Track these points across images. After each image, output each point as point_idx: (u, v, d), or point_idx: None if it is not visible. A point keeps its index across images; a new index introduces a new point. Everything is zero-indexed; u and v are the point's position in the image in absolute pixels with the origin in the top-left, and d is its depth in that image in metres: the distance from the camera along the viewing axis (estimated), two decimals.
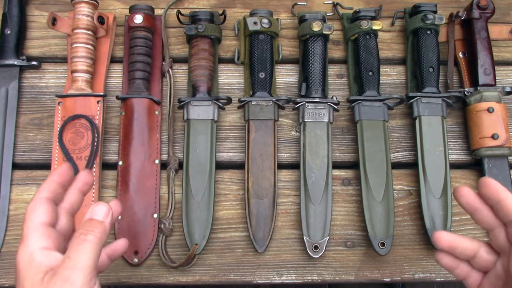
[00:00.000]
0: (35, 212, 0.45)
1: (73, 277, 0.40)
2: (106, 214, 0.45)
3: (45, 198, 0.46)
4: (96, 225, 0.44)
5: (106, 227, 0.45)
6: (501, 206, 0.44)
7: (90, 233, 0.43)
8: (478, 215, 0.47)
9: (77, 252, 0.41)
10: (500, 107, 0.76)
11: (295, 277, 0.72)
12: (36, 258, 0.42)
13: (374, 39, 0.80)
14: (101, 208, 0.46)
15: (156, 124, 0.76)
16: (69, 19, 0.78)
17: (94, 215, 0.45)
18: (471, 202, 0.47)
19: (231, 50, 0.83)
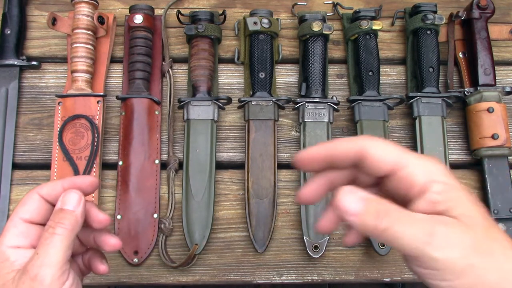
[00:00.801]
0: (22, 207, 0.42)
1: (41, 274, 0.38)
2: (78, 202, 0.41)
3: (40, 195, 0.43)
4: (65, 216, 0.40)
5: (77, 216, 0.41)
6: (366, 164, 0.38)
7: (59, 225, 0.40)
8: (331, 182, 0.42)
9: (45, 247, 0.39)
10: (500, 107, 0.76)
11: (295, 277, 0.72)
12: (10, 256, 0.40)
13: (374, 39, 0.80)
14: (72, 196, 0.42)
15: (156, 124, 0.76)
16: (69, 19, 0.78)
17: (65, 204, 0.41)
18: None
19: (231, 50, 0.83)
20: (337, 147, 0.38)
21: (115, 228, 0.71)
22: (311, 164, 0.40)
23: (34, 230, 0.42)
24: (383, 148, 0.37)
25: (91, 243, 0.46)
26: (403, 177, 0.36)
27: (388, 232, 0.34)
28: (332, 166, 0.40)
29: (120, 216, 0.71)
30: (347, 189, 0.35)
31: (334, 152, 0.38)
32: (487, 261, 0.35)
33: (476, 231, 0.36)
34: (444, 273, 0.34)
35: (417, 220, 0.35)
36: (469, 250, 0.35)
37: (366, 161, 0.37)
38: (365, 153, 0.37)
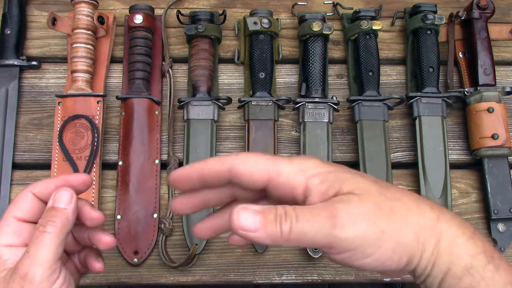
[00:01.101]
0: (15, 205, 0.42)
1: (31, 273, 0.37)
2: (69, 200, 0.41)
3: (32, 193, 0.43)
4: (56, 214, 0.40)
5: (68, 214, 0.41)
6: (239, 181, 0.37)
7: (50, 223, 0.40)
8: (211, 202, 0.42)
9: (35, 245, 0.39)
10: (500, 107, 0.76)
11: (295, 277, 0.72)
12: (3, 255, 0.40)
13: (374, 39, 0.80)
14: (63, 194, 0.41)
15: (156, 124, 0.76)
16: (69, 19, 0.78)
17: (56, 202, 0.41)
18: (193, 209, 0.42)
19: (231, 50, 0.83)
20: (207, 167, 0.38)
21: (115, 228, 0.71)
22: (184, 184, 0.39)
23: (27, 228, 0.42)
24: (251, 162, 0.36)
25: (86, 241, 0.46)
26: (282, 185, 0.36)
27: (294, 233, 0.34)
28: (206, 185, 0.39)
29: (120, 216, 0.71)
30: (239, 208, 0.34)
31: (205, 172, 0.38)
32: (395, 221, 0.35)
33: (373, 197, 0.36)
34: (363, 249, 0.34)
35: (315, 209, 0.35)
36: (374, 217, 0.35)
37: (239, 178, 0.37)
38: (235, 171, 0.37)
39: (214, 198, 0.41)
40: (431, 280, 0.37)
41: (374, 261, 0.35)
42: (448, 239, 0.36)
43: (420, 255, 0.36)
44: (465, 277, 0.35)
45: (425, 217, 0.37)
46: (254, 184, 0.37)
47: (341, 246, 0.34)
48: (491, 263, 0.36)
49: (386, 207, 0.36)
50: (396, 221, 0.35)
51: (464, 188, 0.78)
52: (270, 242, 0.34)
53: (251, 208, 0.34)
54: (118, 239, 0.71)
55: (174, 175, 0.39)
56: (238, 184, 0.38)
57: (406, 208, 0.37)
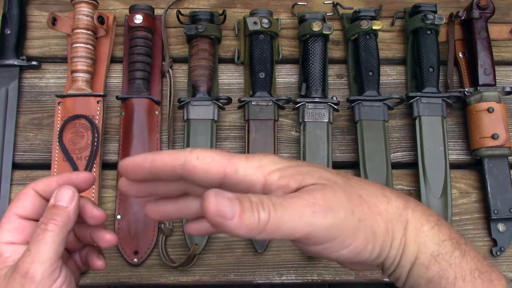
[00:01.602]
0: (17, 203, 0.42)
1: (32, 271, 0.37)
2: (71, 199, 0.41)
3: (34, 190, 0.42)
4: (58, 212, 0.40)
5: (70, 212, 0.40)
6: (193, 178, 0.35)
7: (51, 222, 0.39)
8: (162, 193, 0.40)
9: (36, 243, 0.39)
10: (500, 107, 0.76)
11: (295, 277, 0.72)
12: (4, 252, 0.40)
13: (374, 39, 0.80)
14: (65, 192, 0.41)
15: (156, 124, 0.76)
16: (69, 19, 0.78)
17: (58, 200, 0.41)
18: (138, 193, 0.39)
19: (231, 50, 0.83)
20: (160, 160, 0.36)
21: (115, 228, 0.71)
22: (134, 174, 0.37)
23: (29, 226, 0.42)
24: (207, 158, 0.34)
25: (87, 239, 0.46)
26: (239, 182, 0.34)
27: (272, 222, 0.31)
28: (157, 177, 0.37)
29: (120, 216, 0.71)
30: (214, 193, 0.30)
31: (158, 165, 0.36)
32: (366, 209, 0.35)
33: (341, 186, 0.35)
34: (342, 239, 0.33)
35: (291, 198, 0.32)
36: (349, 206, 0.34)
37: (193, 175, 0.35)
38: (189, 167, 0.34)
39: (164, 190, 0.40)
40: (400, 271, 0.36)
41: (351, 251, 0.34)
42: (415, 227, 0.36)
43: (390, 245, 0.35)
44: (432, 265, 0.35)
45: (392, 205, 0.36)
46: (208, 181, 0.34)
47: (321, 236, 0.33)
48: (457, 249, 0.36)
49: (355, 196, 0.35)
50: (368, 210, 0.35)
51: (464, 188, 0.78)
52: (245, 232, 0.30)
53: (226, 194, 0.30)
54: (118, 239, 0.70)
55: (125, 163, 0.37)
56: (192, 180, 0.35)
57: (374, 196, 0.36)
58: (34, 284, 0.38)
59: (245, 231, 0.30)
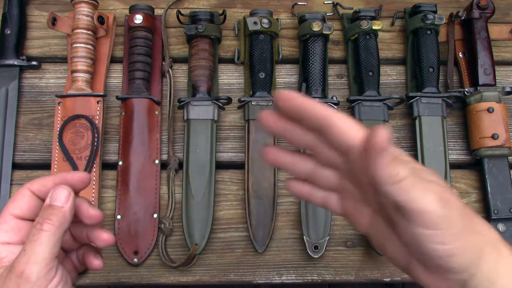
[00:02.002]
0: (13, 203, 0.42)
1: (27, 271, 0.37)
2: (66, 198, 0.41)
3: (30, 190, 0.42)
4: (53, 212, 0.40)
5: (65, 212, 0.40)
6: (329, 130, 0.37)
7: (46, 221, 0.39)
8: (292, 138, 0.41)
9: (31, 243, 0.39)
10: (500, 107, 0.76)
11: (295, 277, 0.72)
12: (0, 253, 0.40)
13: (374, 39, 0.80)
14: (61, 192, 0.41)
15: (156, 124, 0.76)
16: (69, 19, 0.79)
17: (53, 200, 0.41)
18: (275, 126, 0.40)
19: (231, 50, 0.83)
20: (312, 103, 0.37)
21: (115, 228, 0.71)
22: (286, 103, 0.38)
23: (25, 226, 0.42)
24: (347, 121, 0.36)
25: (84, 238, 0.45)
26: (367, 157, 0.36)
27: (404, 183, 0.34)
28: (300, 118, 0.38)
29: (120, 216, 0.71)
30: (387, 128, 0.33)
31: (308, 105, 0.37)
32: (472, 226, 0.37)
33: (456, 196, 0.38)
34: (446, 235, 0.35)
35: (424, 179, 0.35)
36: (461, 213, 0.36)
37: (330, 129, 0.36)
38: (330, 120, 0.36)
39: (295, 136, 0.41)
40: None
41: (446, 251, 0.35)
42: (508, 261, 0.37)
43: (477, 264, 0.36)
44: None
45: (491, 233, 0.38)
46: (342, 141, 0.36)
47: (432, 220, 0.34)
48: None
49: (467, 211, 0.37)
50: (473, 226, 0.37)
51: (464, 188, 0.78)
52: (381, 175, 0.34)
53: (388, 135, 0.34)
54: (118, 239, 0.71)
55: (284, 92, 0.39)
56: (326, 134, 0.37)
57: (479, 220, 0.38)
58: (30, 284, 0.38)
59: (384, 174, 0.34)
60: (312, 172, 0.43)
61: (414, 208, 0.34)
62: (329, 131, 0.37)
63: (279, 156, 0.43)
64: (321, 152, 0.40)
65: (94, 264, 0.46)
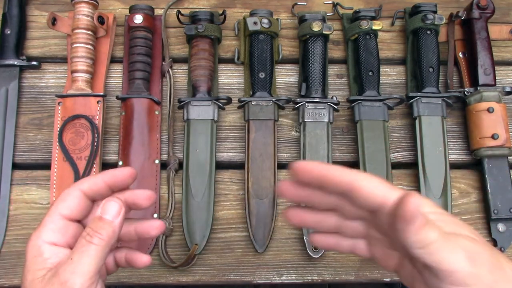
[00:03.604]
0: (62, 203, 0.42)
1: (71, 282, 0.37)
2: (117, 213, 0.41)
3: (81, 191, 0.42)
4: (104, 226, 0.40)
5: (115, 227, 0.41)
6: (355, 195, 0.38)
7: (96, 235, 0.40)
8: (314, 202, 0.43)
9: (79, 254, 0.39)
10: (500, 107, 0.76)
11: (295, 277, 0.72)
12: (44, 253, 0.40)
13: (374, 39, 0.80)
14: (112, 205, 0.41)
15: (156, 124, 0.76)
16: (69, 19, 0.79)
17: (104, 213, 0.41)
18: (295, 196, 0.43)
19: (231, 50, 0.83)
20: (332, 171, 0.39)
21: None
22: (304, 176, 0.40)
23: (72, 227, 0.42)
24: (375, 182, 0.37)
25: (131, 235, 0.45)
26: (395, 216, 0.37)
27: (433, 246, 0.35)
28: (322, 186, 0.40)
29: None
30: (418, 194, 0.34)
31: (328, 174, 0.39)
32: (504, 276, 0.37)
33: (487, 246, 0.38)
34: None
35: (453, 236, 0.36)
36: (491, 266, 0.36)
37: (357, 193, 0.37)
38: (357, 185, 0.37)
39: (317, 200, 0.42)
40: None
41: None
42: None
43: None
44: None
45: None
46: (369, 204, 0.37)
47: (461, 278, 0.35)
48: None
49: (497, 261, 0.37)
50: (504, 275, 0.37)
51: (464, 188, 0.78)
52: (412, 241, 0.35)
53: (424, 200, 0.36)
54: None
55: (300, 163, 0.40)
56: (354, 199, 0.38)
57: (508, 262, 0.38)
58: None
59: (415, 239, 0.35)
60: (338, 226, 0.44)
61: (443, 269, 0.35)
62: (355, 195, 0.38)
63: (303, 217, 0.44)
64: (346, 210, 0.42)
65: (143, 259, 0.46)
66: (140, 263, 0.46)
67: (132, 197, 0.44)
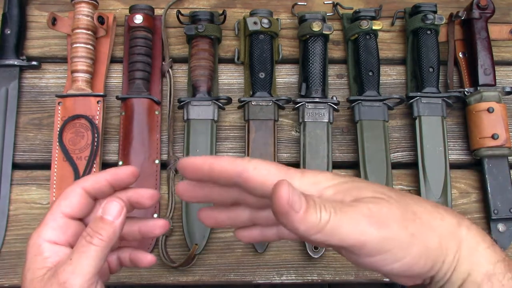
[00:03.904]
0: (64, 200, 0.41)
1: (71, 282, 0.37)
2: (119, 213, 0.40)
3: (83, 189, 0.42)
4: (104, 227, 0.39)
5: (116, 228, 0.40)
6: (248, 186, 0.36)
7: (97, 236, 0.39)
8: (216, 199, 0.41)
9: (79, 255, 0.38)
10: (500, 107, 0.76)
11: (295, 277, 0.72)
12: (44, 252, 0.39)
13: (374, 39, 0.80)
14: (113, 206, 0.40)
15: (156, 124, 0.76)
16: (69, 19, 0.79)
17: (105, 213, 0.40)
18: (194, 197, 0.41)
19: (231, 50, 0.83)
20: (219, 164, 0.36)
21: None
22: (192, 174, 0.38)
23: (73, 226, 0.41)
24: (263, 170, 0.35)
25: (134, 234, 0.45)
26: None
27: (330, 225, 0.32)
28: (214, 181, 0.38)
29: None
30: (286, 184, 0.31)
31: (216, 169, 0.36)
32: (420, 225, 0.35)
33: (396, 201, 0.35)
34: (395, 252, 0.34)
35: (351, 206, 0.33)
36: (403, 221, 0.34)
37: (249, 184, 0.35)
38: (245, 176, 0.35)
39: (219, 196, 0.41)
40: (449, 286, 0.37)
41: (403, 265, 0.34)
42: (469, 245, 0.36)
43: (442, 261, 0.36)
44: (484, 284, 0.35)
45: (446, 222, 0.36)
46: (263, 192, 0.35)
47: (374, 247, 0.33)
48: (510, 272, 0.36)
49: (410, 212, 0.35)
50: (421, 226, 0.35)
51: (464, 188, 0.78)
52: (304, 228, 0.32)
53: (296, 189, 0.32)
54: None
55: (185, 162, 0.38)
56: (246, 189, 0.36)
57: (428, 212, 0.36)
58: None
59: (305, 227, 0.32)
60: (253, 218, 0.42)
61: (351, 244, 0.33)
62: (248, 186, 0.36)
63: (216, 217, 0.42)
64: (251, 202, 0.40)
65: (148, 258, 0.46)
66: (145, 262, 0.46)
67: (135, 195, 0.43)
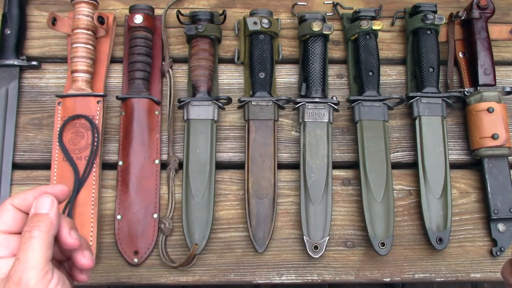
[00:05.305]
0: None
1: (25, 278, 0.38)
2: (51, 206, 0.43)
3: (12, 205, 0.43)
4: (40, 219, 0.41)
5: (52, 218, 0.42)
6: None
7: (35, 228, 0.41)
8: None
9: (24, 251, 0.40)
10: (500, 107, 0.76)
11: (295, 277, 0.72)
12: None
13: (374, 39, 0.80)
14: (45, 200, 0.43)
15: (156, 124, 0.76)
16: (69, 19, 0.78)
17: (38, 209, 0.42)
18: None
19: (231, 50, 0.83)
20: None
21: (115, 228, 0.71)
22: None
23: (13, 239, 0.43)
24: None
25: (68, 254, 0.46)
26: None
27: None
28: None
29: (120, 216, 0.71)
30: None
31: None
32: None
33: None
34: None
35: None
36: None
37: None
38: None
39: None
40: None
41: None
42: None
43: None
44: None
45: None
46: None
47: None
48: None
49: None
50: None
51: (464, 188, 0.78)
52: None
53: None
54: (118, 239, 0.71)
55: None
56: None
57: None
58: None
59: None
60: None
61: None
62: None
63: None
64: None
65: (79, 278, 0.47)
66: (77, 278, 0.47)
67: (52, 191, 0.45)
